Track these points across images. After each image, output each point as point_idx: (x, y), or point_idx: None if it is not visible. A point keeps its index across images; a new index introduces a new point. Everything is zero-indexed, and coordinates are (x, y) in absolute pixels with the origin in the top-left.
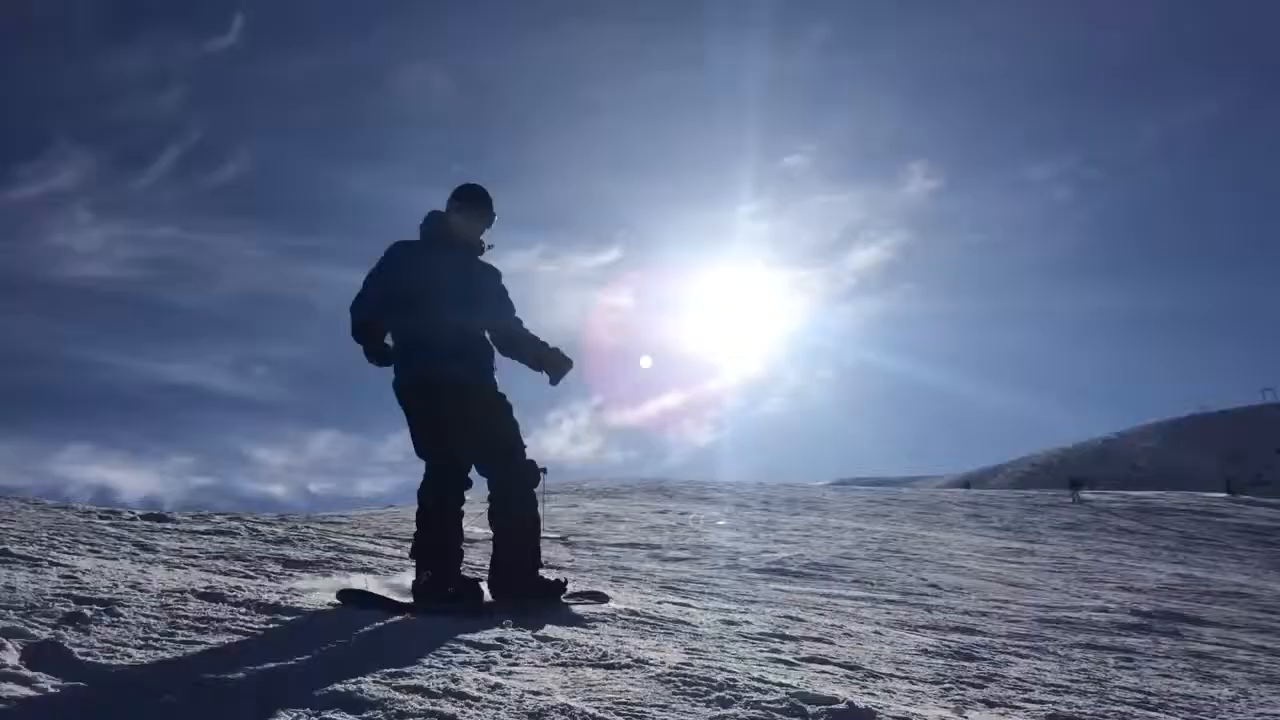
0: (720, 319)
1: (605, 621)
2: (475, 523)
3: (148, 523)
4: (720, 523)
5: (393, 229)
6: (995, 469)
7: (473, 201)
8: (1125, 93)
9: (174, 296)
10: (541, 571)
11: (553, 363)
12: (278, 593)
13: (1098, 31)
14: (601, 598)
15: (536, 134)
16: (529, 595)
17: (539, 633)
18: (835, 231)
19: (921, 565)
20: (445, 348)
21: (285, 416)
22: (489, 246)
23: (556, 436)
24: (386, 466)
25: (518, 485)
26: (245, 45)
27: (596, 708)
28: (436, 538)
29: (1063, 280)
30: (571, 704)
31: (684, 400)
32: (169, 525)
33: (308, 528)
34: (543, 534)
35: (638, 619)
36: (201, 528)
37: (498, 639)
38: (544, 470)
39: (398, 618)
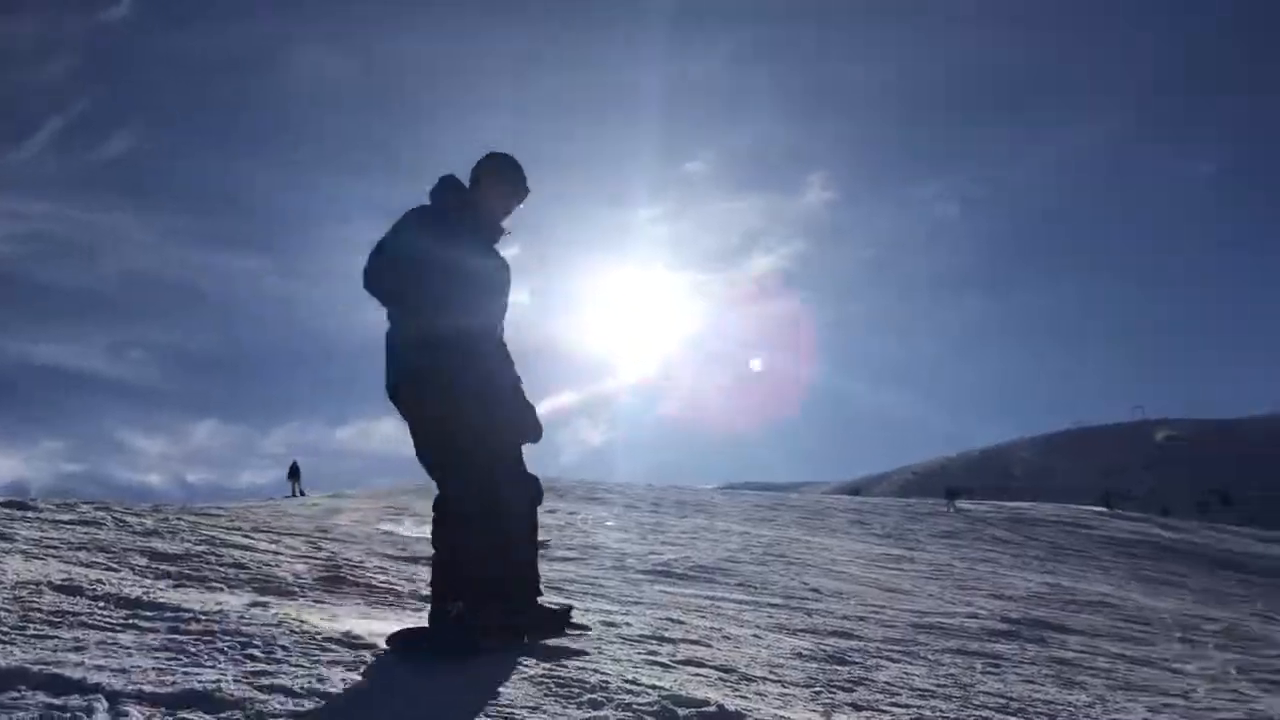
0: (618, 319)
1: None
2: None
3: (8, 510)
4: (609, 523)
5: (283, 214)
6: (881, 476)
7: (505, 174)
8: (1011, 116)
9: (50, 274)
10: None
11: (521, 427)
12: (140, 587)
13: (988, 55)
14: (585, 628)
15: (437, 123)
16: (528, 626)
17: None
18: (735, 238)
19: (804, 570)
20: (464, 343)
21: (164, 403)
22: (507, 233)
23: None
24: (269, 459)
25: (519, 500)
26: (137, 17)
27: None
28: (463, 563)
29: (951, 295)
30: None
31: (578, 400)
32: (30, 514)
33: (180, 519)
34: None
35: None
36: (66, 517)
37: (379, 636)
38: None
39: (278, 614)
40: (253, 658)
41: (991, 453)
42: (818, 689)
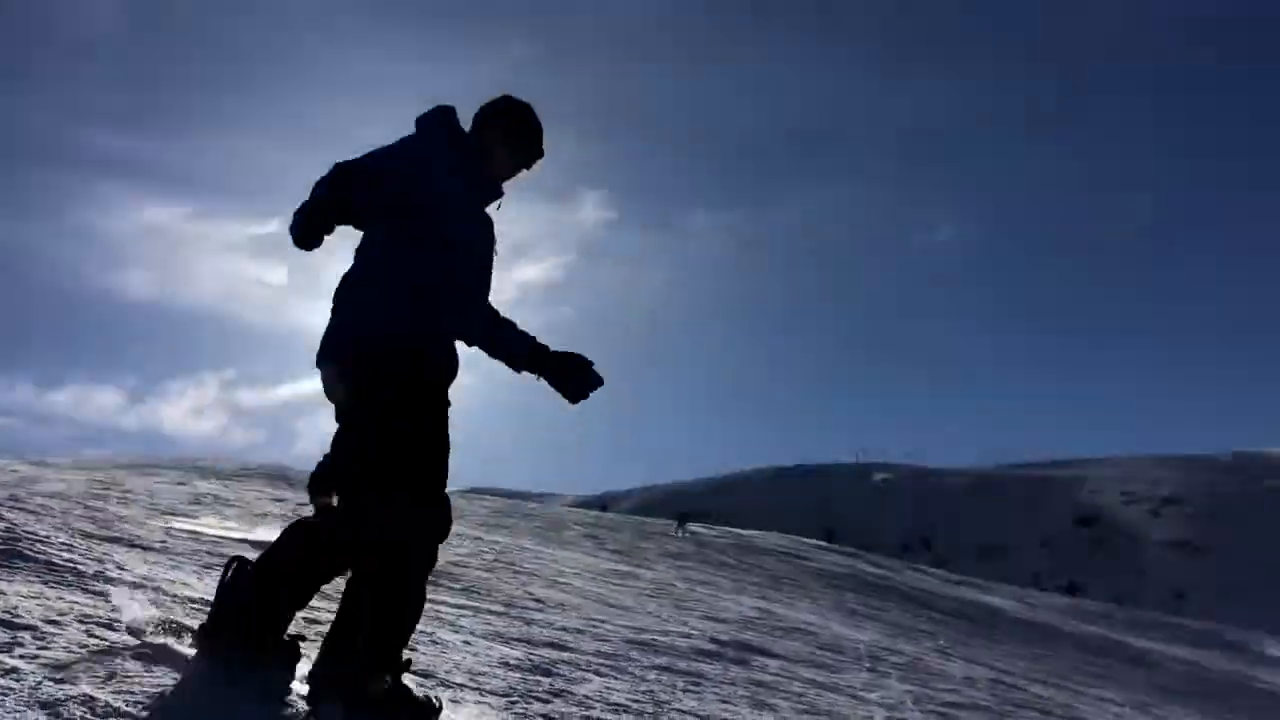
0: None
1: (173, 610)
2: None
3: None
4: None
5: (12, 156)
6: (624, 493)
7: (522, 129)
8: (787, 162)
9: None
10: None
11: (579, 376)
12: None
13: (774, 98)
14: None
15: (210, 83)
16: (384, 709)
17: (87, 613)
18: (505, 243)
19: (532, 579)
20: (453, 320)
21: None
22: (504, 197)
23: (176, 406)
24: None
25: (434, 543)
26: None
27: (125, 701)
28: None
29: (710, 326)
30: (96, 695)
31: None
32: None
33: None
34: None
35: (209, 608)
36: None
37: (44, 618)
38: None
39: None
40: None
41: (728, 480)
42: (514, 699)
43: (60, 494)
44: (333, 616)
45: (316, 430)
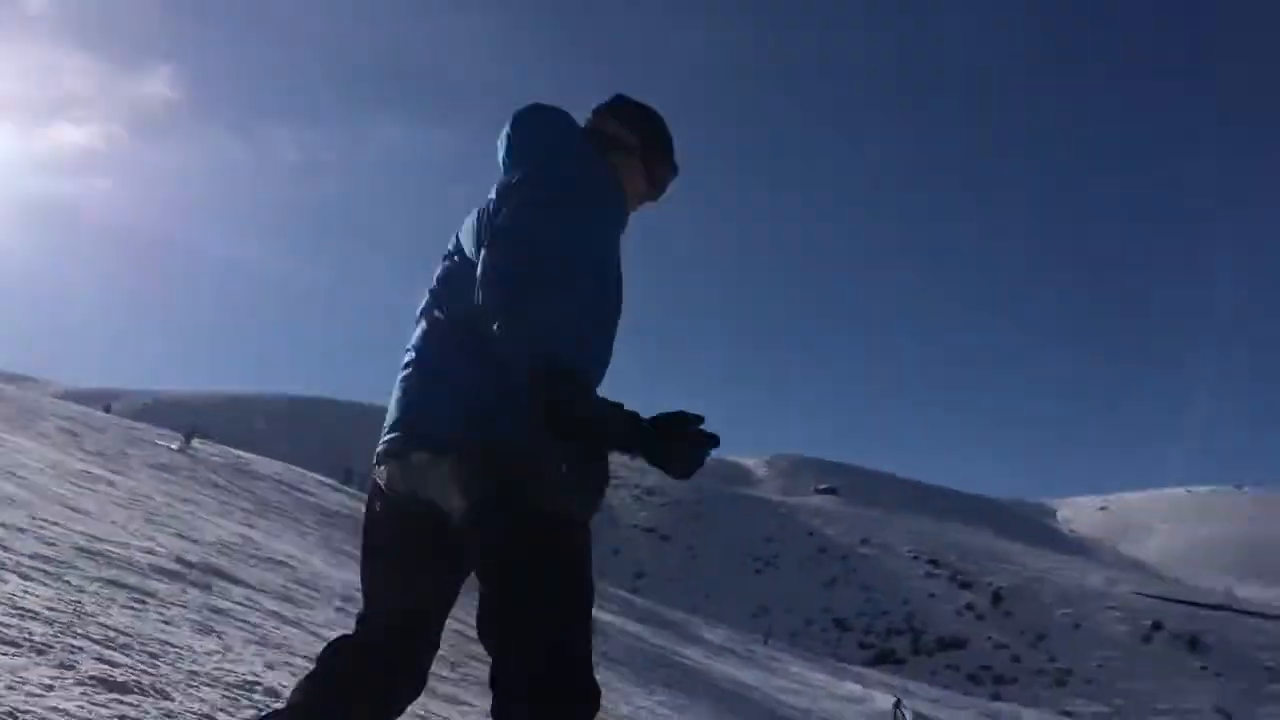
0: None
1: None
2: None
3: None
4: None
5: None
6: (124, 392)
7: (666, 151)
8: (398, 98)
9: None
10: None
11: (687, 447)
12: None
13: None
14: None
15: None
16: None
17: None
18: (53, 92)
19: None
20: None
21: None
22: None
23: None
24: None
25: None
26: None
27: None
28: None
29: (260, 243)
30: None
31: None
32: None
33: None
34: None
35: None
36: None
37: None
38: None
39: None
40: None
41: (239, 399)
42: None
43: None
44: None
45: None
